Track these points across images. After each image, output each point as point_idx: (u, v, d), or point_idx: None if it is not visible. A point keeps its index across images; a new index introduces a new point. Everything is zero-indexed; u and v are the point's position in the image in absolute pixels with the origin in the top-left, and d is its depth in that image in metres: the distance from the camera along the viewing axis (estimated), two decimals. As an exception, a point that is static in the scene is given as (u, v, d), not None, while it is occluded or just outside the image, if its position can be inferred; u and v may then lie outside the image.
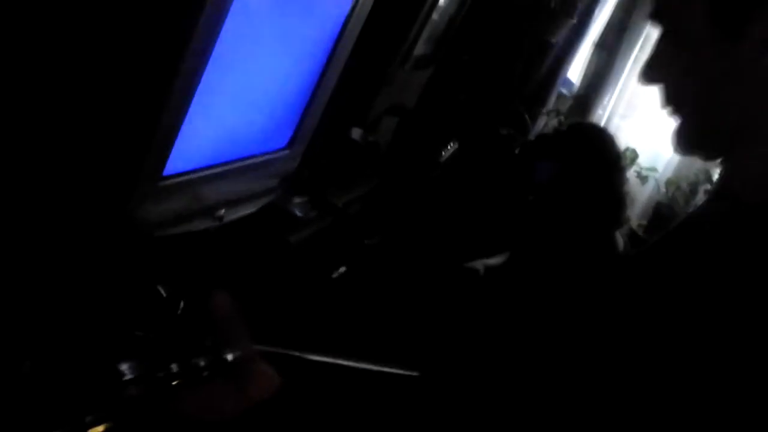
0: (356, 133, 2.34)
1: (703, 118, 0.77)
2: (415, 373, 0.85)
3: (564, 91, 3.37)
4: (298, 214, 1.92)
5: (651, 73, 0.80)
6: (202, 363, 0.68)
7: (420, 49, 2.27)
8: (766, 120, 0.73)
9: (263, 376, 0.72)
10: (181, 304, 1.40)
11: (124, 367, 0.63)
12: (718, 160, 0.80)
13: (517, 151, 3.00)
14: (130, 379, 0.62)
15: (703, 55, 0.74)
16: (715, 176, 2.96)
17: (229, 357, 0.70)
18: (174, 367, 0.65)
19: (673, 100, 0.79)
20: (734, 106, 0.74)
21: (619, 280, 0.82)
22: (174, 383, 0.65)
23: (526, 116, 3.11)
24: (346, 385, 0.83)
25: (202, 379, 0.68)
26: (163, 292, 1.37)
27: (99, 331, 1.04)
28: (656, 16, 0.78)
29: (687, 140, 0.79)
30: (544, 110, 3.23)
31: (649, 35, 3.25)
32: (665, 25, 0.77)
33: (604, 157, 1.76)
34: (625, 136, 3.23)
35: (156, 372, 0.64)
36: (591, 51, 3.32)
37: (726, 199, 0.78)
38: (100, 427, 0.62)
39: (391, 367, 0.86)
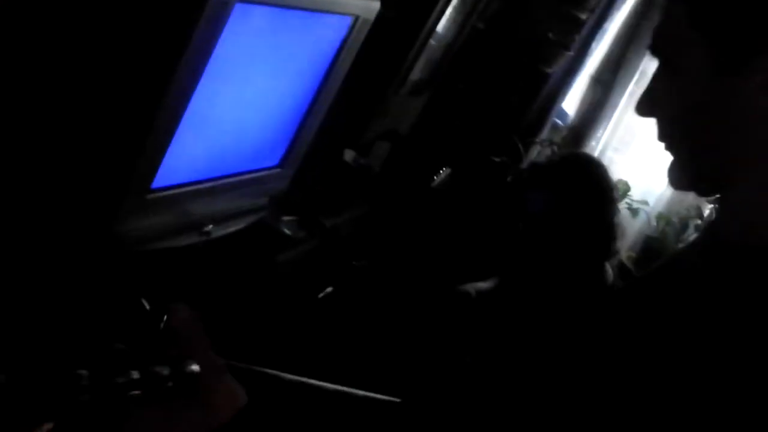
0: (349, 155, 2.35)
1: (697, 154, 0.75)
2: (395, 399, 0.85)
3: (558, 121, 3.39)
4: (287, 232, 1.92)
5: (647, 106, 0.78)
6: (165, 372, 0.66)
7: (416, 74, 2.28)
8: (760, 160, 0.72)
9: (228, 391, 0.71)
10: (165, 318, 1.40)
11: (82, 372, 0.61)
12: (711, 197, 0.79)
13: (509, 179, 3.02)
14: (86, 385, 0.61)
15: (702, 91, 0.72)
16: (706, 212, 2.95)
17: (194, 368, 0.68)
18: (135, 374, 0.64)
19: (669, 135, 0.77)
20: (730, 144, 0.73)
21: (605, 312, 0.82)
22: (134, 392, 0.64)
23: (520, 145, 3.12)
24: (322, 408, 0.82)
25: (164, 391, 0.66)
26: (146, 305, 1.37)
27: (77, 341, 1.03)
28: (655, 49, 0.76)
29: (681, 176, 0.78)
30: (538, 140, 3.25)
31: (645, 70, 3.27)
32: (664, 58, 0.76)
33: (597, 188, 1.77)
34: (617, 170, 3.24)
35: (115, 378, 0.63)
36: (587, 84, 3.35)
37: (713, 239, 0.78)
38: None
39: (370, 392, 0.85)
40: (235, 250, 1.67)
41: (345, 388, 0.84)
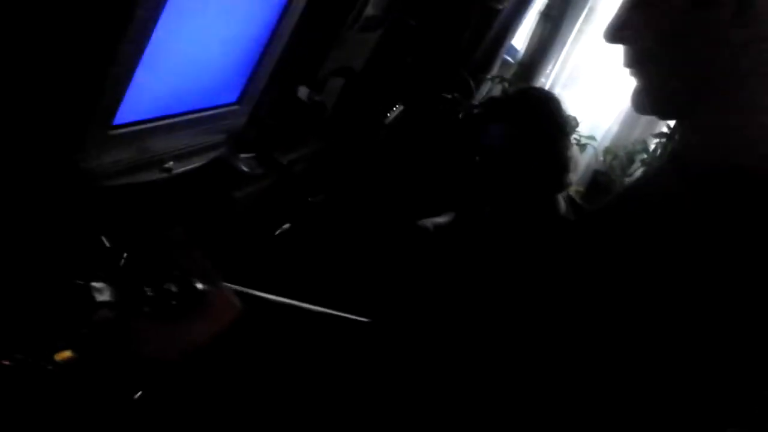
0: (303, 92, 2.35)
1: (664, 81, 0.78)
2: (365, 320, 0.88)
3: (509, 58, 3.41)
4: (245, 169, 1.93)
5: (617, 34, 0.80)
6: (174, 289, 0.69)
7: (369, 10, 2.28)
8: (723, 87, 0.75)
9: (226, 302, 0.75)
10: (124, 255, 1.41)
11: (97, 288, 0.64)
12: (660, 131, 0.83)
13: (461, 116, 3.05)
14: (103, 301, 0.64)
15: (675, 22, 0.75)
16: (652, 146, 3.01)
17: (199, 285, 0.71)
18: (148, 291, 0.67)
19: (637, 62, 0.80)
20: (697, 72, 0.76)
21: (569, 239, 0.86)
22: (146, 309, 0.67)
23: (471, 81, 3.15)
24: (300, 325, 0.86)
25: (170, 308, 0.70)
26: (106, 242, 1.38)
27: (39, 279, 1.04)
28: None
29: (646, 100, 0.80)
30: (489, 76, 3.27)
31: (593, 7, 3.30)
32: None
33: (553, 121, 1.81)
34: (566, 105, 3.29)
35: (130, 294, 0.66)
36: (536, 20, 3.37)
37: (678, 165, 0.81)
38: (67, 352, 0.63)
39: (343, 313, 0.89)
40: (193, 187, 1.68)
41: (323, 309, 0.88)
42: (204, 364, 0.72)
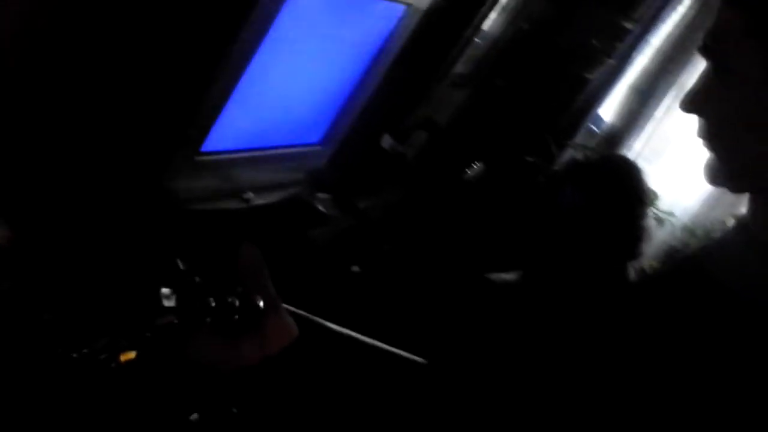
0: (387, 141, 2.39)
1: (739, 155, 0.76)
2: (421, 360, 0.89)
3: (593, 127, 3.42)
4: (322, 209, 1.98)
5: (693, 104, 0.78)
6: (237, 303, 0.72)
7: (459, 68, 2.34)
8: None
9: (282, 325, 0.76)
10: (197, 279, 1.46)
11: (165, 294, 0.67)
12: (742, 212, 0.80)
13: (541, 180, 3.06)
14: (169, 307, 0.67)
15: (753, 96, 0.72)
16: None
17: (260, 303, 0.73)
18: (211, 301, 0.70)
19: (712, 134, 0.77)
20: None
21: (623, 302, 0.85)
22: (207, 319, 0.70)
23: (554, 146, 3.16)
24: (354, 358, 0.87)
25: (231, 322, 0.72)
26: (181, 265, 1.43)
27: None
28: (706, 51, 0.76)
29: (718, 172, 0.78)
30: (572, 143, 3.28)
31: (683, 84, 3.29)
32: (715, 61, 0.76)
33: (633, 189, 1.81)
34: (647, 180, 3.27)
35: (194, 303, 0.69)
36: (625, 93, 3.37)
37: (742, 237, 0.79)
38: (131, 353, 0.67)
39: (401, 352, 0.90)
40: (270, 220, 1.73)
41: (375, 342, 0.89)
42: (245, 385, 0.74)
